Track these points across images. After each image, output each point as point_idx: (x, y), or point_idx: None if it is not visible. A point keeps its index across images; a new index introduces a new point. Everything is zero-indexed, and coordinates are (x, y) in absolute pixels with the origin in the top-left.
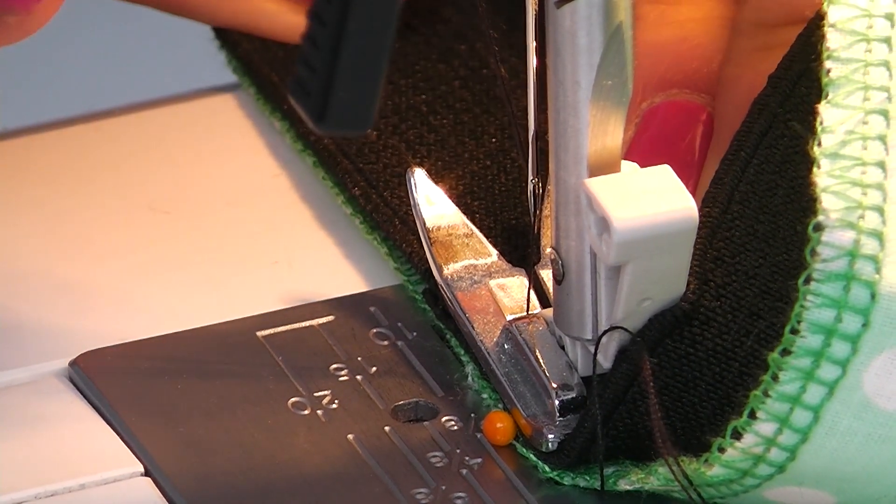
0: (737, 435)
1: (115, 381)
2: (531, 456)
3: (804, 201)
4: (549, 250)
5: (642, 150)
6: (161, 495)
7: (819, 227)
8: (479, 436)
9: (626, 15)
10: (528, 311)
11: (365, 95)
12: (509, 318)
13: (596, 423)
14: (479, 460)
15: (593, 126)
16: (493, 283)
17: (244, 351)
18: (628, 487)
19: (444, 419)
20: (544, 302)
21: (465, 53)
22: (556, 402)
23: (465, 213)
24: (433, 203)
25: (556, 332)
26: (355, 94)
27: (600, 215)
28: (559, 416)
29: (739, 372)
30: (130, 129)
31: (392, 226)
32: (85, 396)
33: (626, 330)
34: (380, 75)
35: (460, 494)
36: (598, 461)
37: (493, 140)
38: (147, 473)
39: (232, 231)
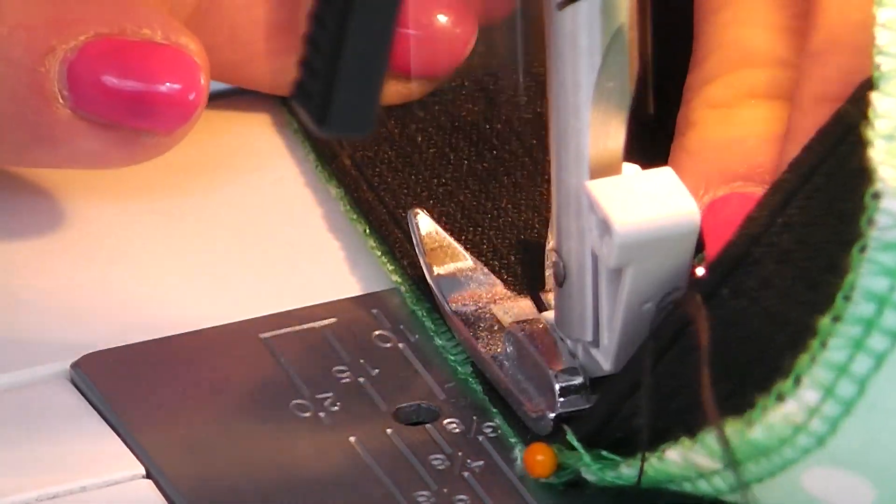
0: (780, 398)
1: (117, 384)
2: (573, 441)
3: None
4: (549, 249)
5: (704, 241)
6: (162, 497)
7: (877, 196)
8: (480, 438)
9: (627, 17)
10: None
11: (367, 98)
12: (510, 321)
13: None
14: (481, 463)
15: (594, 128)
16: (497, 308)
17: (246, 353)
18: (676, 458)
19: (445, 422)
20: None
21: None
22: (557, 387)
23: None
24: (435, 241)
25: (556, 334)
26: (357, 97)
27: (601, 218)
28: (560, 398)
29: (791, 339)
30: None
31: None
32: (87, 398)
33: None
34: (381, 77)
35: (462, 497)
36: (644, 416)
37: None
38: (148, 476)
39: (234, 233)
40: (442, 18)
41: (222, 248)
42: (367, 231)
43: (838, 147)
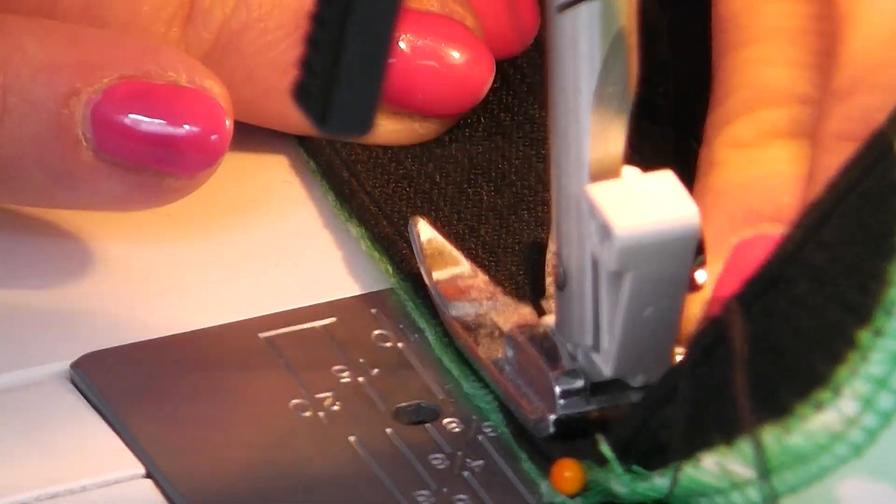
0: (819, 407)
1: (117, 383)
2: (607, 451)
3: None
4: (550, 254)
5: (732, 282)
6: (162, 497)
7: None
8: (480, 438)
9: (627, 21)
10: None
11: (367, 98)
12: (510, 327)
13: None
14: (481, 462)
15: (594, 132)
16: (497, 314)
17: (246, 352)
18: (711, 466)
19: (445, 421)
20: None
21: None
22: (558, 389)
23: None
24: (436, 250)
25: (557, 338)
26: (357, 97)
27: (601, 222)
28: (560, 400)
29: (827, 352)
30: None
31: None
32: (86, 398)
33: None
34: (381, 78)
35: (462, 497)
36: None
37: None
38: (148, 475)
39: (234, 232)
40: (460, 57)
41: (222, 247)
42: (391, 270)
43: (875, 167)
